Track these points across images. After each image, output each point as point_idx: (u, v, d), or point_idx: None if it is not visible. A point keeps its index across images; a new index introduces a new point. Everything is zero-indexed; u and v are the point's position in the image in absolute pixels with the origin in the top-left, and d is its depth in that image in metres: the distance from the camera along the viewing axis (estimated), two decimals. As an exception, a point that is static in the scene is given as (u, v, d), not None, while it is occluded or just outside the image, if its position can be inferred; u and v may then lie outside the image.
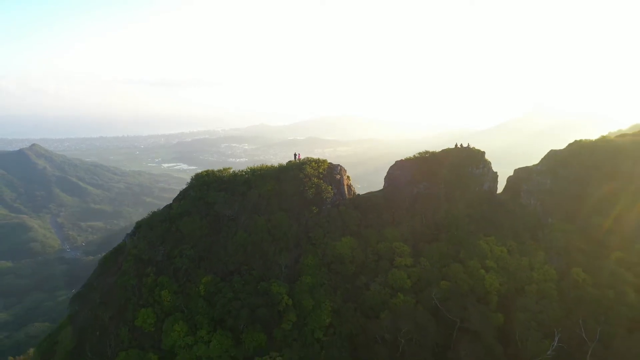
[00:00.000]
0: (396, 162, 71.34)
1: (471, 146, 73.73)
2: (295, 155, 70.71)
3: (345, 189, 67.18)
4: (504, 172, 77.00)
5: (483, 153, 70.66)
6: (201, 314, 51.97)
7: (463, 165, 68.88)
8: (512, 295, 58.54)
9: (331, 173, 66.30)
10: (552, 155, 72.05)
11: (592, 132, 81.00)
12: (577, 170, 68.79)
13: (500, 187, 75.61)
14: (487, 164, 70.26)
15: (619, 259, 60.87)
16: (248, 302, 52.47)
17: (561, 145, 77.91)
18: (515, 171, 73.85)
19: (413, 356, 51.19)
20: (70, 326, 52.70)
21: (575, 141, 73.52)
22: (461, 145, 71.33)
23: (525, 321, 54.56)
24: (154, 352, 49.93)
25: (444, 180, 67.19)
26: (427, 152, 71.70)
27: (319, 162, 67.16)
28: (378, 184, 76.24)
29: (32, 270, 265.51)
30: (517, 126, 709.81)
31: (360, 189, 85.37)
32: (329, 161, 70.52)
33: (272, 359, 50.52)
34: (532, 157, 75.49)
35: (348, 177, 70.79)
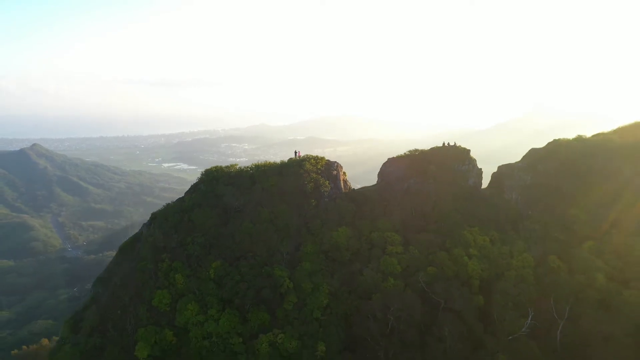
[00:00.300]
0: (389, 159, 77.25)
1: (462, 145, 79.61)
2: (295, 152, 76.53)
3: (342, 184, 73.03)
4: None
5: (468, 151, 76.58)
6: (211, 294, 57.64)
7: (450, 162, 74.75)
8: (492, 280, 64.21)
9: (328, 169, 72.13)
10: (533, 153, 78.01)
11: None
12: (554, 166, 74.65)
13: (485, 183, 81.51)
14: (472, 161, 76.15)
15: (591, 247, 66.56)
16: (253, 284, 58.22)
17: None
18: (499, 168, 79.77)
19: (401, 332, 56.96)
20: (94, 305, 58.51)
21: (554, 140, 79.48)
22: (448, 143, 77.25)
23: (503, 303, 60.32)
24: (169, 329, 55.54)
25: (432, 176, 73.01)
26: (417, 150, 77.62)
27: (317, 159, 72.87)
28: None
29: (34, 269, 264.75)
30: (517, 126, 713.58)
31: (359, 187, 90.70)
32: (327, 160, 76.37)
33: (275, 335, 56.18)
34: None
35: (344, 173, 76.52)
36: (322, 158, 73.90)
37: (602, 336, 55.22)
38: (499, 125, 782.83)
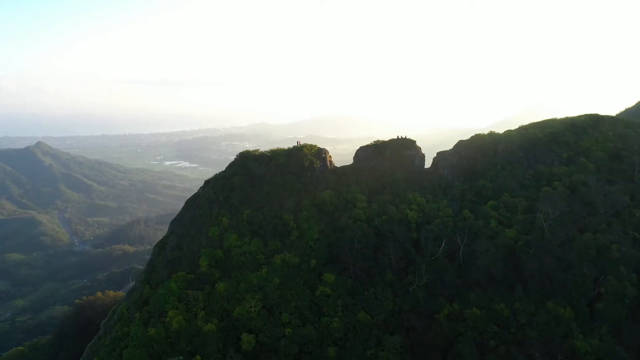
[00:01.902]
0: (360, 147, 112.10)
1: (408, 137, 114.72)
2: (297, 142, 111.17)
3: (328, 163, 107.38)
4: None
5: (414, 141, 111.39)
6: (245, 229, 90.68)
7: (401, 149, 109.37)
8: (424, 224, 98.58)
9: (319, 153, 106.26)
10: (459, 143, 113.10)
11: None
12: (472, 152, 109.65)
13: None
14: (417, 148, 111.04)
15: (492, 205, 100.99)
16: (271, 223, 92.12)
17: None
18: (437, 154, 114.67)
19: (362, 252, 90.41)
20: (173, 234, 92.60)
21: (475, 134, 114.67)
22: (400, 136, 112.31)
23: (428, 236, 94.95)
24: (219, 250, 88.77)
25: (389, 158, 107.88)
26: (379, 140, 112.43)
27: (312, 146, 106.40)
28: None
29: (44, 262, 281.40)
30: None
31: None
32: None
33: (284, 255, 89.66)
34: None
35: (330, 156, 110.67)
36: (315, 146, 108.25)
37: (486, 254, 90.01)
38: (499, 124, 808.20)
